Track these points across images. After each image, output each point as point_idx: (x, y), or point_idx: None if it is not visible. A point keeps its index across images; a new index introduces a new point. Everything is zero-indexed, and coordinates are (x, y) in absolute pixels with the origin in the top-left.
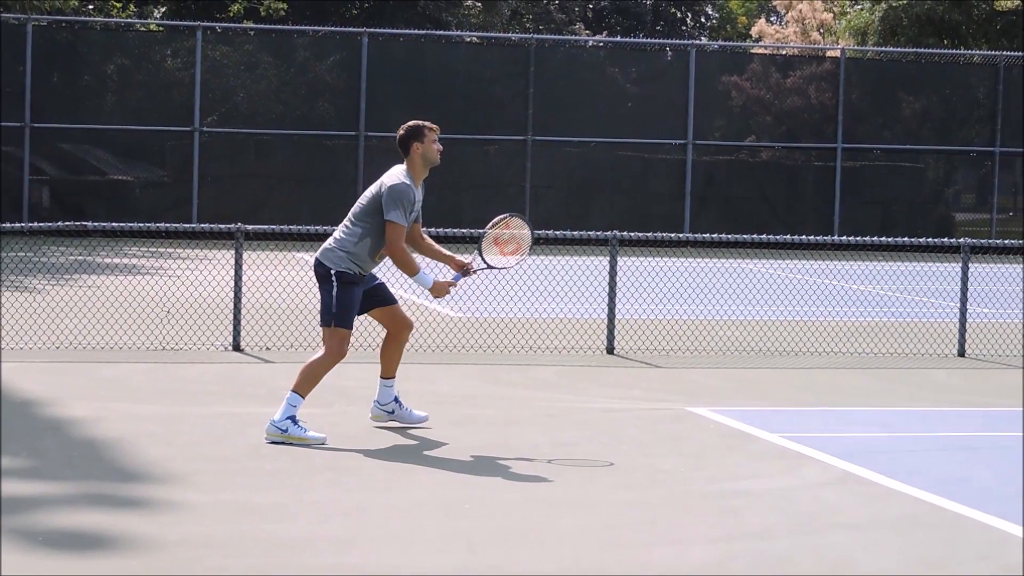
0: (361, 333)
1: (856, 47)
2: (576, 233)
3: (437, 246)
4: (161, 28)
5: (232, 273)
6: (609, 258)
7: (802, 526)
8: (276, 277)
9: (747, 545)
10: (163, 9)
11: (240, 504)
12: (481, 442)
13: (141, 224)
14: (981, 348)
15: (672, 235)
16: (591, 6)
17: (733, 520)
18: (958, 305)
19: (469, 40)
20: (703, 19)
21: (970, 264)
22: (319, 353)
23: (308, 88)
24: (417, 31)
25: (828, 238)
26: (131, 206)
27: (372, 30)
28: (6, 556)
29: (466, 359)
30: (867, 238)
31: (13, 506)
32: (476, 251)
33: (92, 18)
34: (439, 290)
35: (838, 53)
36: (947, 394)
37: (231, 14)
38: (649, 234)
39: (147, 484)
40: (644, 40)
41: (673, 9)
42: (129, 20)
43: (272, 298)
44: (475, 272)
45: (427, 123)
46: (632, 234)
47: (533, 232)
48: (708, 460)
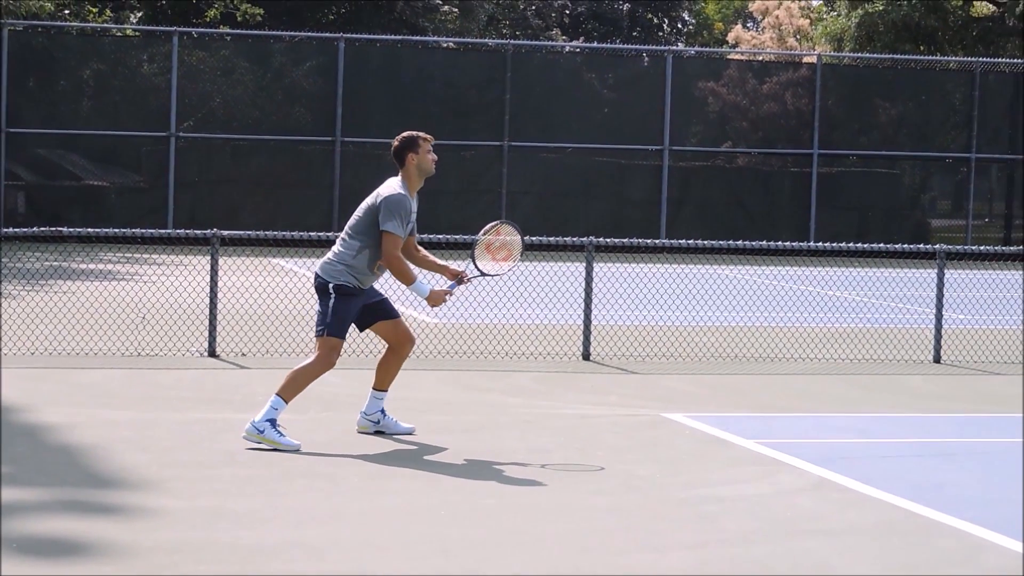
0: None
1: (832, 53)
2: (552, 239)
3: (431, 256)
4: (137, 33)
5: (208, 279)
6: (585, 264)
7: (778, 532)
8: (252, 283)
9: (723, 551)
10: (139, 14)
11: (215, 510)
12: (457, 448)
13: (117, 230)
14: (957, 354)
15: (648, 241)
16: (568, 12)
17: (709, 526)
18: (934, 311)
19: (446, 46)
20: (680, 25)
21: (946, 270)
22: (308, 360)
23: (284, 93)
24: (394, 36)
25: (804, 244)
26: (107, 211)
27: (348, 35)
28: None
29: (442, 365)
30: (843, 244)
31: None
32: (469, 259)
33: (68, 23)
34: (436, 298)
35: (814, 59)
36: (923, 400)
37: (207, 19)
38: (625, 240)
39: (122, 490)
40: (621, 46)
41: (650, 15)
42: (105, 25)
43: (248, 304)
44: (469, 280)
45: (421, 134)
46: (608, 240)
47: (524, 238)
48: (684, 466)
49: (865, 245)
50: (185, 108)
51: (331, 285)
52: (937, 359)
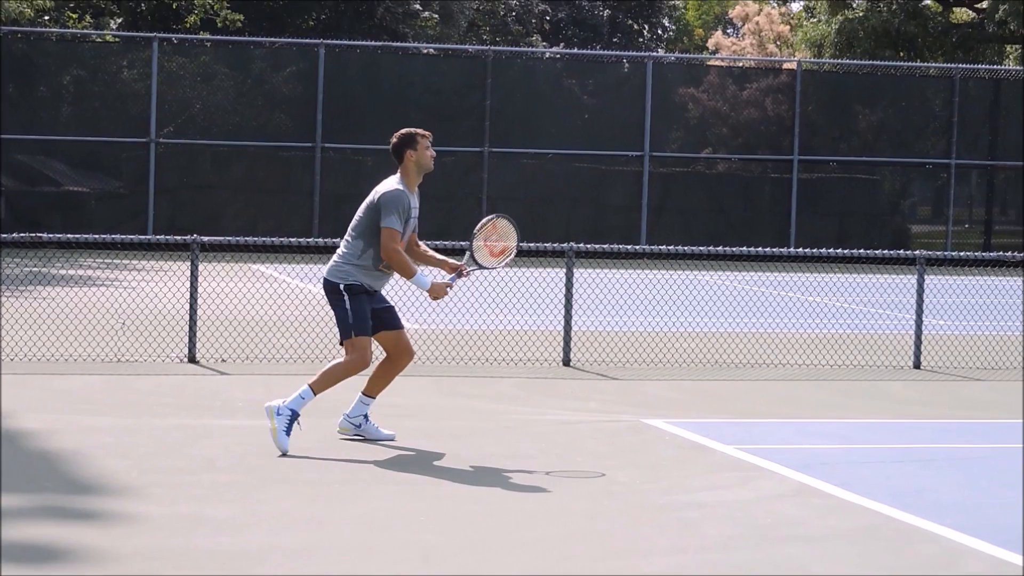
0: (327, 345)
1: (812, 59)
2: (533, 245)
3: (431, 251)
4: (117, 39)
5: (188, 285)
6: (566, 270)
7: (758, 538)
8: (232, 289)
9: (704, 557)
10: (119, 20)
11: (195, 516)
12: (438, 454)
13: (97, 235)
14: (937, 360)
15: (629, 247)
16: (548, 18)
17: (690, 532)
18: (914, 317)
19: (426, 52)
20: (660, 31)
21: (926, 276)
22: (343, 358)
23: (265, 99)
24: (374, 43)
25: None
26: (87, 217)
27: (329, 41)
28: None
29: (422, 371)
30: (823, 250)
31: None
32: (468, 253)
33: (48, 29)
34: (437, 291)
35: (794, 65)
36: (903, 406)
37: (187, 25)
38: (606, 246)
39: (102, 496)
40: (601, 52)
41: (630, 21)
42: (85, 31)
43: (228, 310)
44: (468, 274)
45: (419, 130)
46: (589, 246)
47: (518, 231)
48: (665, 472)
49: (845, 251)
50: (165, 114)
51: (342, 285)
52: (917, 365)
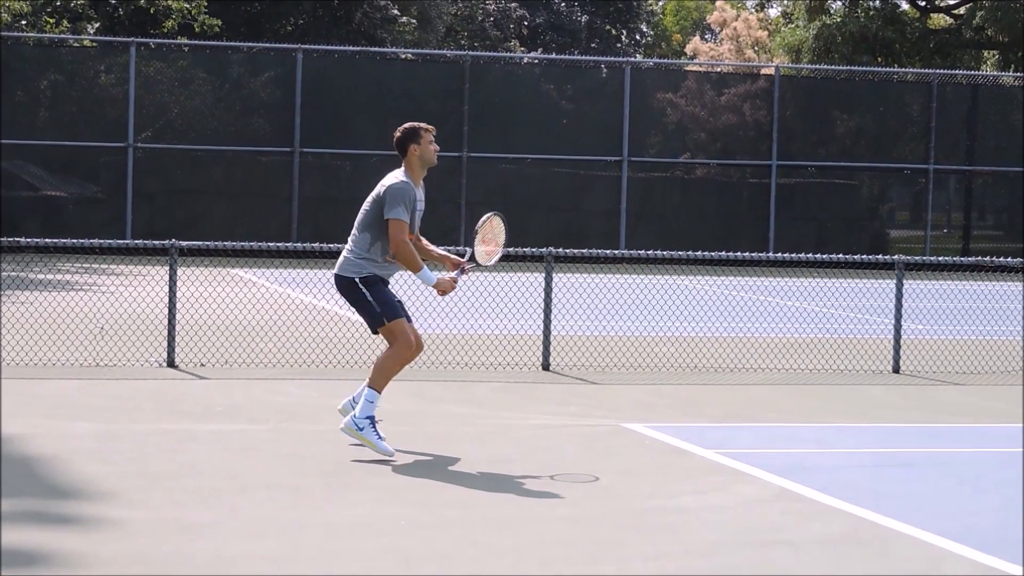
0: (306, 349)
1: (790, 65)
2: (512, 249)
3: (432, 247)
4: (95, 44)
5: (167, 289)
6: (545, 274)
7: (739, 543)
8: (211, 293)
9: (684, 562)
10: (97, 25)
11: (175, 521)
12: (418, 459)
13: (75, 240)
14: (916, 364)
15: (607, 252)
16: (526, 23)
17: (670, 537)
18: (893, 321)
19: (404, 57)
20: (638, 36)
21: (904, 281)
22: (388, 350)
23: (243, 104)
24: (352, 48)
25: (763, 255)
26: (65, 222)
27: (307, 47)
28: None
29: (402, 376)
30: (802, 255)
31: None
32: (470, 251)
33: (25, 33)
34: (444, 285)
35: (772, 71)
36: (882, 410)
37: (165, 30)
38: (585, 251)
39: (81, 501)
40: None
41: (608, 27)
42: (63, 36)
43: (207, 314)
44: (469, 271)
45: (422, 124)
46: (568, 251)
47: (506, 226)
48: (645, 477)
49: (824, 255)
50: (143, 119)
51: (357, 279)
52: (896, 369)
